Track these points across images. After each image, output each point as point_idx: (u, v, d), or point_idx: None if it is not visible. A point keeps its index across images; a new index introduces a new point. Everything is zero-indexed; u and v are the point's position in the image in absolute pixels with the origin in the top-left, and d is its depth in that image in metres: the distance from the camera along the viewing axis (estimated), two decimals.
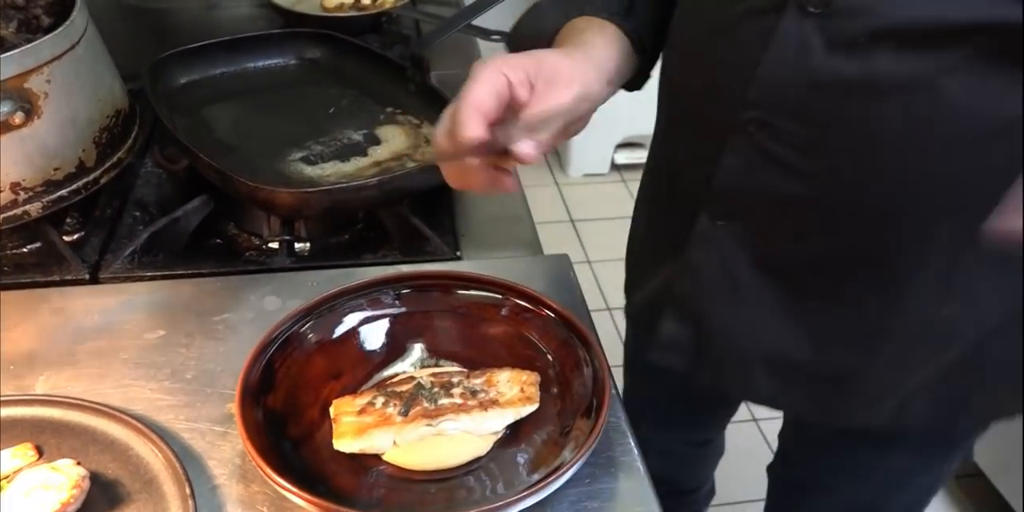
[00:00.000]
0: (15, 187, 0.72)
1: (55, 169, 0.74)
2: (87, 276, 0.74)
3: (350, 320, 0.61)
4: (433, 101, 0.92)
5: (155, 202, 0.84)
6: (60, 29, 0.70)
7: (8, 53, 0.66)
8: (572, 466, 0.52)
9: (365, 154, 0.88)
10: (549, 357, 0.60)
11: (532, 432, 0.58)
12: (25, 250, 0.77)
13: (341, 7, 1.21)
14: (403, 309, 0.62)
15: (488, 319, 0.62)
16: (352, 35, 1.08)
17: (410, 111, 0.94)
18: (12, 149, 0.70)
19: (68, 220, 0.82)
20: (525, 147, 0.53)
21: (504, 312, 0.62)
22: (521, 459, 0.57)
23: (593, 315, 0.72)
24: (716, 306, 0.68)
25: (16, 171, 0.72)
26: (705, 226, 0.64)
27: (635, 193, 0.99)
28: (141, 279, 0.74)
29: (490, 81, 0.53)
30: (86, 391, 0.61)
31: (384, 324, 0.62)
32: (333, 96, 0.98)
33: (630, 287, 0.94)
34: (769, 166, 0.57)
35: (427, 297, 0.63)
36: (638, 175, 3.06)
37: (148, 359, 0.65)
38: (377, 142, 0.90)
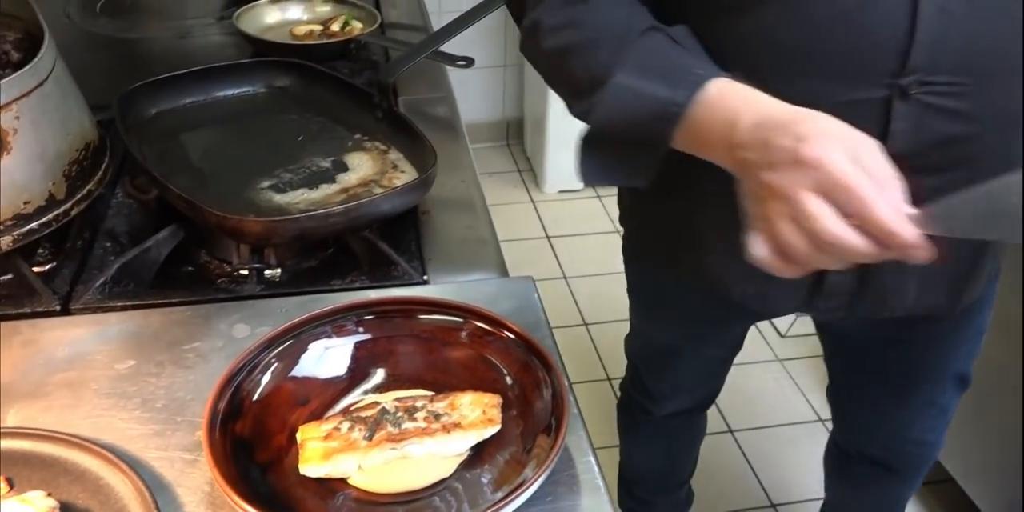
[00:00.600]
0: None
1: (25, 202, 0.75)
2: (58, 307, 0.75)
3: (315, 347, 0.63)
4: (400, 127, 0.94)
5: (126, 232, 0.85)
6: (28, 67, 0.72)
7: None
8: (534, 483, 0.53)
9: (334, 181, 0.89)
10: (510, 379, 0.62)
11: (495, 452, 0.59)
12: None
13: (310, 35, 1.23)
14: (367, 335, 0.64)
15: (450, 343, 0.64)
16: (321, 62, 1.10)
17: (377, 137, 0.96)
18: None
19: (40, 251, 0.84)
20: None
21: (465, 335, 0.64)
22: (485, 479, 0.58)
23: (569, 331, 0.74)
24: None
25: None
26: None
27: (609, 208, 1.00)
28: (112, 309, 0.75)
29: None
30: (57, 422, 0.62)
31: (348, 350, 0.64)
32: (302, 123, 1.00)
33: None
34: (938, 118, 0.62)
35: (390, 322, 0.64)
36: (612, 191, 3.09)
37: (119, 389, 0.66)
38: (345, 169, 0.91)
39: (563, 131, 2.46)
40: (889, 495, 1.21)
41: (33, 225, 0.76)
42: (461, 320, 0.64)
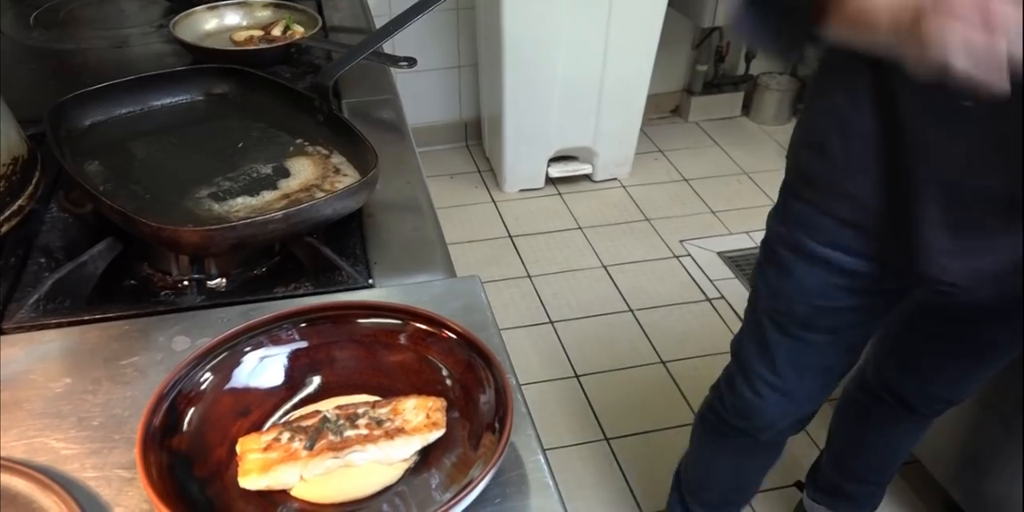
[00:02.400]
0: None
1: None
2: None
3: (251, 358, 0.61)
4: (341, 131, 0.93)
5: (61, 247, 0.83)
6: None
7: None
8: (480, 482, 0.53)
9: (275, 187, 0.88)
10: (453, 380, 0.61)
11: (442, 456, 0.58)
12: None
13: (251, 40, 1.21)
14: (304, 343, 0.63)
15: (390, 346, 0.63)
16: (263, 68, 1.09)
17: (319, 142, 0.95)
18: None
19: None
20: None
21: (405, 338, 0.63)
22: (433, 482, 0.57)
23: (535, 329, 0.73)
24: None
25: None
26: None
27: (571, 206, 0.99)
28: (47, 327, 0.73)
29: None
30: None
31: (285, 359, 0.62)
32: (242, 130, 0.98)
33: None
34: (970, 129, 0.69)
35: (328, 328, 0.63)
36: (573, 188, 3.13)
37: (53, 408, 0.64)
38: (287, 174, 0.90)
39: (520, 130, 2.46)
40: (911, 433, 1.30)
41: None
42: (400, 322, 0.63)
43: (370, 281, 0.79)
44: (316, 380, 0.62)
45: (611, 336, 2.08)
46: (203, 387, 0.60)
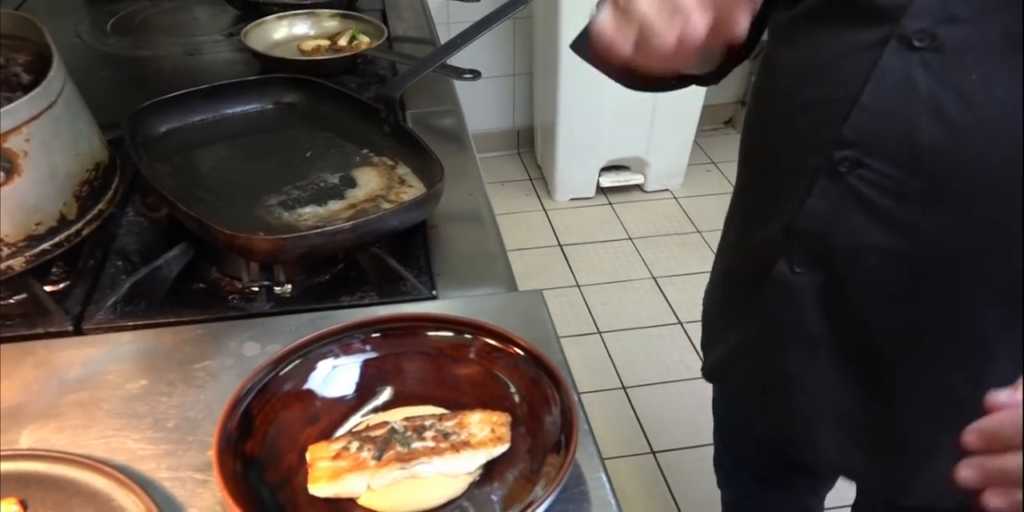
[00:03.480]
0: None
1: (37, 224, 0.76)
2: (71, 328, 0.75)
3: (323, 366, 0.63)
4: (407, 142, 0.94)
5: (137, 251, 0.86)
6: (37, 90, 0.73)
7: None
8: (544, 501, 0.53)
9: (342, 197, 0.90)
10: (519, 396, 0.62)
11: (505, 471, 0.59)
12: (11, 301, 0.79)
13: (318, 50, 1.24)
14: (374, 353, 0.64)
15: (458, 359, 0.64)
16: (329, 77, 1.11)
17: (384, 152, 0.96)
18: None
19: (54, 270, 0.84)
20: None
21: (473, 352, 0.64)
22: (495, 497, 0.58)
23: (582, 339, 0.73)
24: (786, 356, 0.66)
25: None
26: (783, 273, 0.62)
27: (621, 216, 1.00)
28: (123, 329, 0.75)
29: None
30: (70, 443, 0.63)
31: (356, 369, 0.64)
32: (310, 139, 1.00)
33: (706, 345, 0.90)
34: (857, 211, 0.55)
35: (398, 340, 0.64)
36: (624, 198, 3.10)
37: (130, 409, 0.66)
38: (353, 184, 0.92)
39: (573, 139, 2.46)
40: None
41: (45, 246, 0.77)
42: (470, 336, 0.64)
43: (433, 292, 0.80)
44: (386, 391, 0.63)
45: (660, 348, 2.07)
46: (276, 394, 0.61)
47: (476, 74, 1.09)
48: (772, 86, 0.64)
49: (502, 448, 0.59)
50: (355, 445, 0.58)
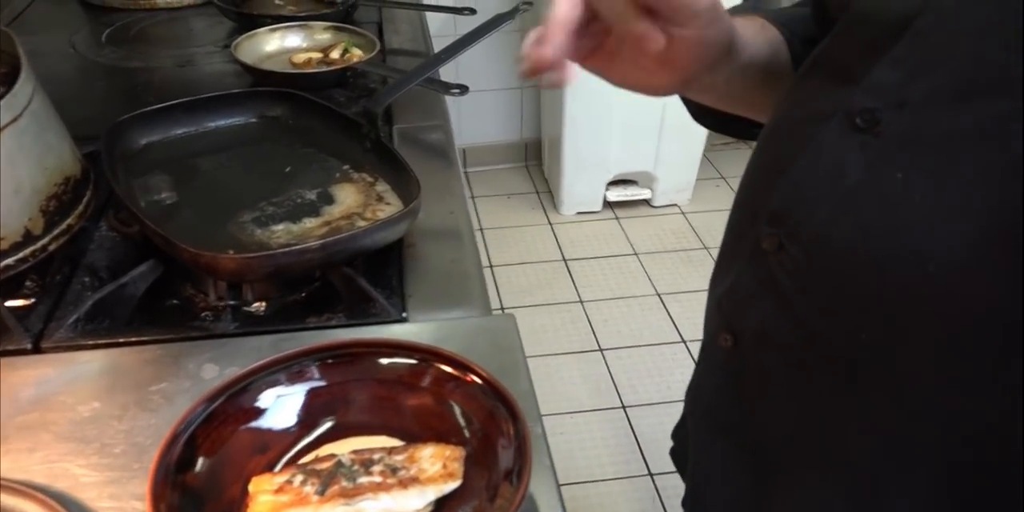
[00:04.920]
0: None
1: (0, 239, 0.75)
2: (29, 346, 0.74)
3: (269, 395, 0.61)
4: (387, 158, 0.92)
5: (106, 266, 0.84)
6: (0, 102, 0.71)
7: None
8: None
9: (317, 214, 0.88)
10: (472, 428, 0.59)
11: (457, 507, 0.57)
12: None
13: (309, 63, 1.23)
14: (323, 381, 0.62)
15: (414, 388, 0.61)
16: (319, 91, 1.10)
17: (364, 168, 0.95)
18: None
19: (28, 284, 0.83)
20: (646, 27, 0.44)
21: (428, 380, 0.61)
22: None
23: (583, 356, 0.71)
24: (699, 439, 0.64)
25: None
26: (706, 345, 0.59)
27: (627, 230, 0.96)
28: (83, 348, 0.74)
29: None
30: (11, 468, 0.61)
31: (302, 397, 0.61)
32: (292, 154, 0.99)
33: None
34: (769, 298, 0.50)
35: (349, 367, 0.62)
36: (630, 212, 3.08)
37: (79, 433, 0.64)
38: (331, 201, 0.90)
39: (580, 153, 2.44)
40: None
41: (9, 261, 0.76)
42: (425, 363, 0.62)
43: (404, 315, 0.78)
44: (331, 421, 0.61)
45: (662, 367, 2.04)
46: (223, 422, 0.59)
47: (464, 89, 1.07)
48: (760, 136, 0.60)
49: (453, 485, 0.56)
50: (299, 479, 0.56)
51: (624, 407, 1.93)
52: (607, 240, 2.48)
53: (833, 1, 0.55)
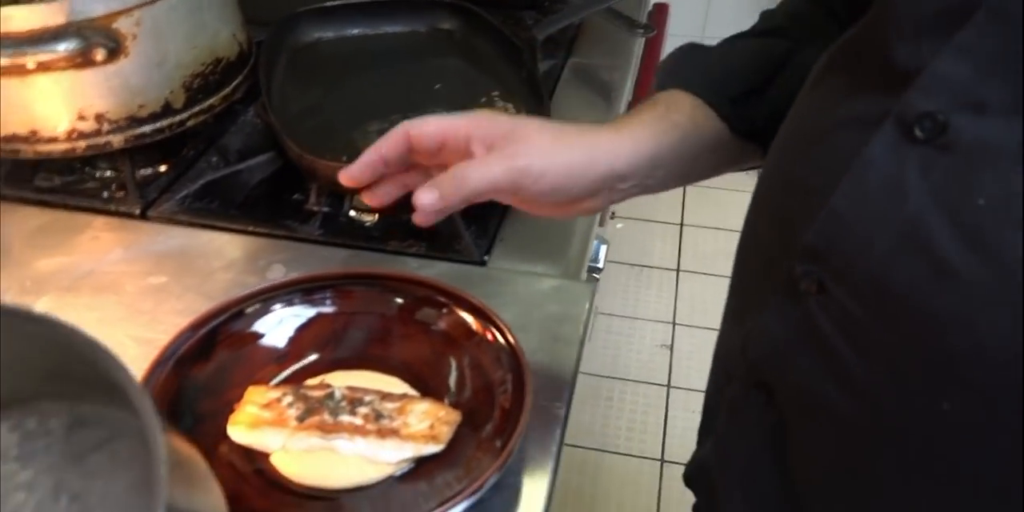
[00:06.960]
0: (99, 118, 0.77)
1: (140, 106, 0.78)
2: (138, 212, 0.77)
3: (302, 310, 0.59)
4: (535, 93, 0.86)
5: (238, 151, 0.86)
6: None
7: None
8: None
9: None
10: (473, 390, 0.54)
11: (436, 471, 0.52)
12: (96, 176, 0.82)
13: None
14: (355, 310, 0.59)
15: (427, 330, 0.57)
16: (510, 8, 1.05)
17: (512, 98, 0.89)
18: (97, 83, 0.75)
19: (157, 154, 0.86)
20: (423, 194, 0.50)
21: (442, 324, 0.56)
22: (414, 497, 0.51)
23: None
24: (724, 481, 0.54)
25: (100, 103, 0.76)
26: (735, 397, 0.49)
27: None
28: (180, 224, 0.76)
29: (446, 125, 0.52)
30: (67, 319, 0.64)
31: (331, 321, 0.59)
32: (448, 70, 0.95)
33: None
34: (810, 349, 0.39)
35: (376, 298, 0.59)
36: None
37: (138, 303, 0.67)
38: None
39: None
40: None
41: (145, 129, 0.79)
42: (446, 311, 0.57)
43: (485, 258, 0.73)
44: (348, 351, 0.58)
45: None
46: (246, 325, 0.59)
47: (648, 28, 0.97)
48: (769, 153, 0.48)
49: (433, 448, 0.52)
50: (288, 399, 0.54)
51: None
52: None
53: None
